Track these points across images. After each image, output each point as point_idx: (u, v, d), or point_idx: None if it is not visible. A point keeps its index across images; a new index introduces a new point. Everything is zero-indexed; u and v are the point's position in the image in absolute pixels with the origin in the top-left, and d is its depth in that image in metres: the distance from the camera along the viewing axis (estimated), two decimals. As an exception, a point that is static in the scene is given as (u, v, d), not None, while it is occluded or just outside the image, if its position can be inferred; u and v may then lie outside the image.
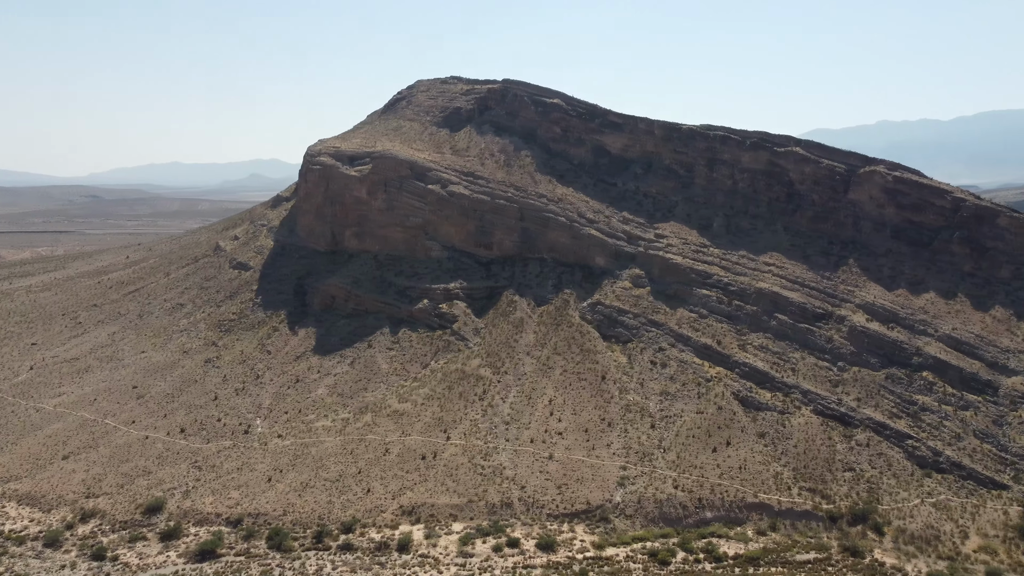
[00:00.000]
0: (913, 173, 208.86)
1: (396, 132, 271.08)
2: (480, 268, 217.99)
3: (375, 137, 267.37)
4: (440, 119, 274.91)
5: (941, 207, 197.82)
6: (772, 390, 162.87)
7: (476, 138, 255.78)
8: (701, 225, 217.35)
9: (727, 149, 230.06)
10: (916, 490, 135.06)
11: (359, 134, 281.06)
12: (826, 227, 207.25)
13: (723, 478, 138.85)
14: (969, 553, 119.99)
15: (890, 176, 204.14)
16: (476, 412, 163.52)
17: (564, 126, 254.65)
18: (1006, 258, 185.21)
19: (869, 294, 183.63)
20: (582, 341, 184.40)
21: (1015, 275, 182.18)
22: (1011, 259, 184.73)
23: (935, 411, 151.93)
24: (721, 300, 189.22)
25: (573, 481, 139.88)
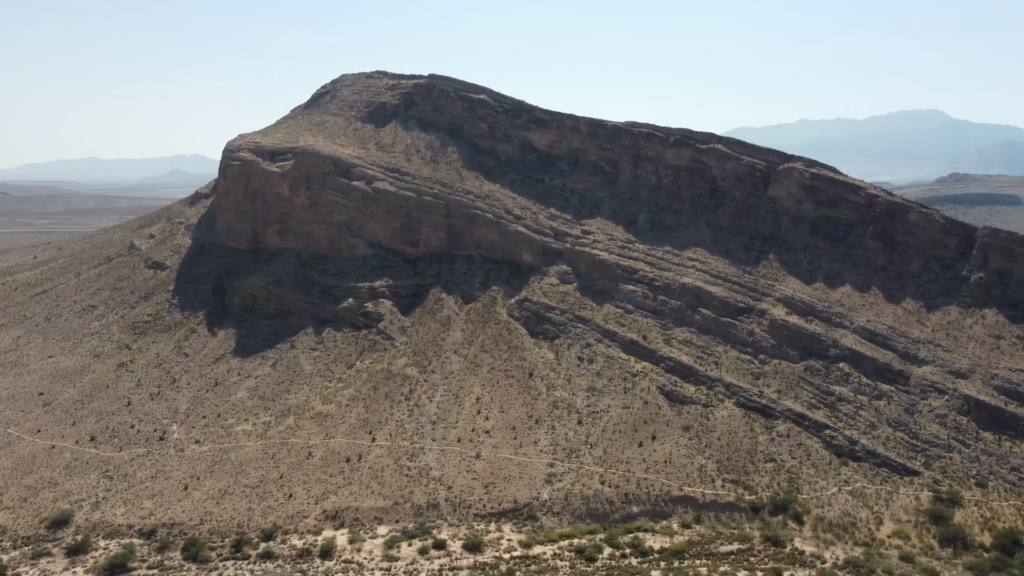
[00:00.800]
0: (829, 170, 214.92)
1: (320, 127, 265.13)
2: (406, 266, 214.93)
3: (298, 132, 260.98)
4: (365, 114, 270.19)
5: (856, 203, 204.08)
6: (696, 384, 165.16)
7: (402, 134, 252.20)
8: (627, 221, 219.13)
9: (651, 146, 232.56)
10: (834, 479, 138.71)
11: (281, 129, 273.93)
12: (747, 223, 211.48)
13: (649, 472, 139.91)
14: (884, 538, 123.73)
15: (807, 173, 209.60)
16: (402, 412, 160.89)
17: (491, 122, 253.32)
18: (916, 252, 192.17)
19: (788, 288, 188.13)
20: (510, 338, 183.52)
21: (924, 268, 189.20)
22: (920, 253, 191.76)
23: (851, 401, 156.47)
24: (647, 295, 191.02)
25: (500, 480, 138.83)
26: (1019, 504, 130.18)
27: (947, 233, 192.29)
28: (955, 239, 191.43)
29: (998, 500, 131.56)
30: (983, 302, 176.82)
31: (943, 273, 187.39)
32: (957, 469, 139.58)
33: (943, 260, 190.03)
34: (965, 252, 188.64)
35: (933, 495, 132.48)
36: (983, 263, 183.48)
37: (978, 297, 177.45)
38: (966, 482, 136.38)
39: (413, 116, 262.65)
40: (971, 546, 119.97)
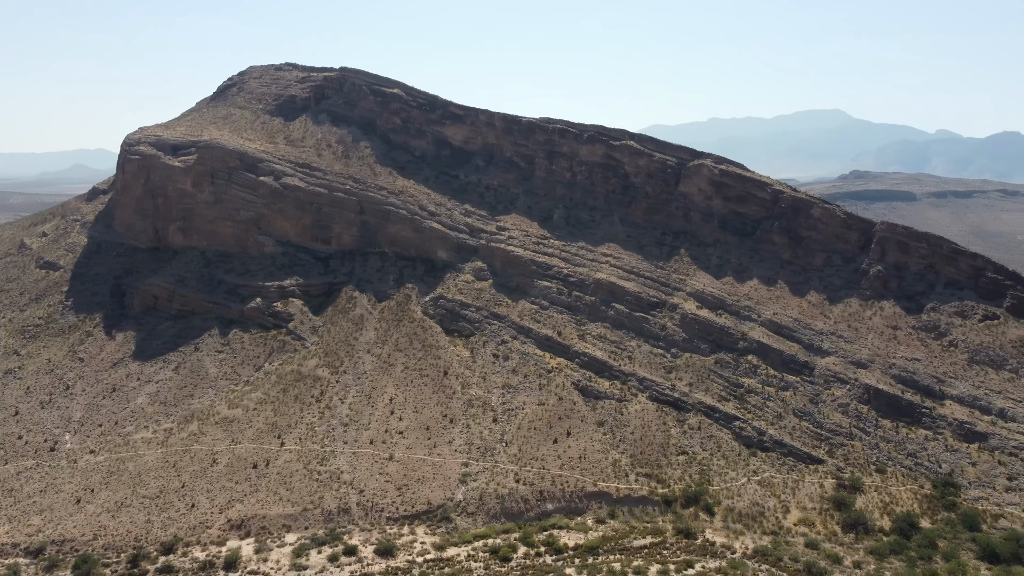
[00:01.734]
0: (737, 166, 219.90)
1: (225, 120, 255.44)
2: (318, 264, 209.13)
3: (202, 125, 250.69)
4: (274, 107, 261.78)
5: (762, 199, 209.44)
6: (610, 379, 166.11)
7: (312, 128, 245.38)
8: (542, 217, 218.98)
9: (565, 142, 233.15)
10: (743, 469, 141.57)
11: (184, 122, 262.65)
12: (659, 218, 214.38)
13: (564, 469, 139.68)
14: (790, 526, 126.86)
15: (716, 169, 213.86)
16: (313, 415, 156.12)
17: (404, 117, 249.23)
18: (819, 246, 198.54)
19: (699, 282, 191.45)
20: (424, 336, 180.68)
21: (827, 262, 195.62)
22: (823, 247, 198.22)
23: (759, 393, 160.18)
24: (561, 291, 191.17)
25: (414, 481, 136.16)
26: (915, 488, 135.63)
27: (848, 228, 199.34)
28: (855, 234, 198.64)
29: (896, 485, 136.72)
30: (881, 294, 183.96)
31: (844, 266, 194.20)
32: (858, 456, 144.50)
33: (844, 254, 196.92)
34: (865, 246, 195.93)
35: (836, 482, 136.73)
36: (881, 257, 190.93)
37: (877, 289, 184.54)
38: (867, 468, 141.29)
39: (324, 110, 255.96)
40: (872, 530, 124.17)
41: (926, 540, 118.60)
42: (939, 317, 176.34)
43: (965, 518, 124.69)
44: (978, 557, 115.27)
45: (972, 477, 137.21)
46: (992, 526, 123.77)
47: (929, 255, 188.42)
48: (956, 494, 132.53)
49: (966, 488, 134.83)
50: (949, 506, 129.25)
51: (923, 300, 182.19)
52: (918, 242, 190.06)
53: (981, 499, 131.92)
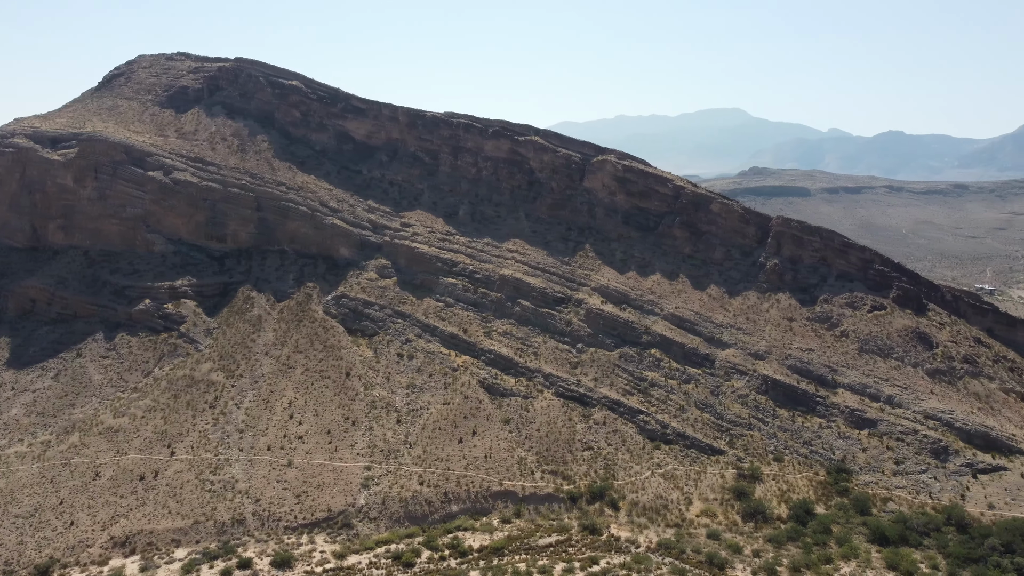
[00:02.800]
0: (640, 162, 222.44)
1: (111, 112, 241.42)
2: (213, 263, 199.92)
3: (85, 117, 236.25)
4: (164, 99, 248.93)
5: (664, 194, 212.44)
6: (516, 375, 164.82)
7: (206, 120, 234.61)
8: (447, 213, 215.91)
9: (471, 137, 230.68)
10: (647, 463, 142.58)
11: (66, 113, 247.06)
12: (564, 214, 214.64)
13: (469, 469, 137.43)
14: (693, 518, 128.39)
15: (620, 165, 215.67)
16: (206, 421, 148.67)
17: (304, 110, 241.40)
18: (719, 241, 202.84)
19: (603, 277, 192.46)
20: (326, 337, 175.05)
21: (726, 256, 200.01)
22: (723, 242, 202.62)
23: (662, 386, 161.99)
24: (467, 288, 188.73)
25: (314, 488, 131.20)
26: (811, 475, 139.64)
27: (745, 222, 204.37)
28: (753, 228, 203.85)
29: (793, 473, 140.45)
30: (778, 287, 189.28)
31: (743, 260, 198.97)
32: (757, 446, 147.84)
33: (743, 248, 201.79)
34: (762, 240, 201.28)
35: (737, 472, 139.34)
36: (777, 250, 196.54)
37: (773, 282, 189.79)
38: (765, 458, 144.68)
39: (219, 102, 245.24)
40: (770, 519, 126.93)
41: (821, 526, 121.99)
42: (831, 308, 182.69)
43: (857, 503, 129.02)
44: (869, 540, 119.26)
45: (863, 463, 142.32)
46: (881, 509, 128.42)
47: (822, 248, 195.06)
48: (848, 480, 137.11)
49: (857, 473, 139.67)
50: (842, 491, 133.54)
51: (816, 292, 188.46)
52: (811, 236, 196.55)
53: (871, 484, 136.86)
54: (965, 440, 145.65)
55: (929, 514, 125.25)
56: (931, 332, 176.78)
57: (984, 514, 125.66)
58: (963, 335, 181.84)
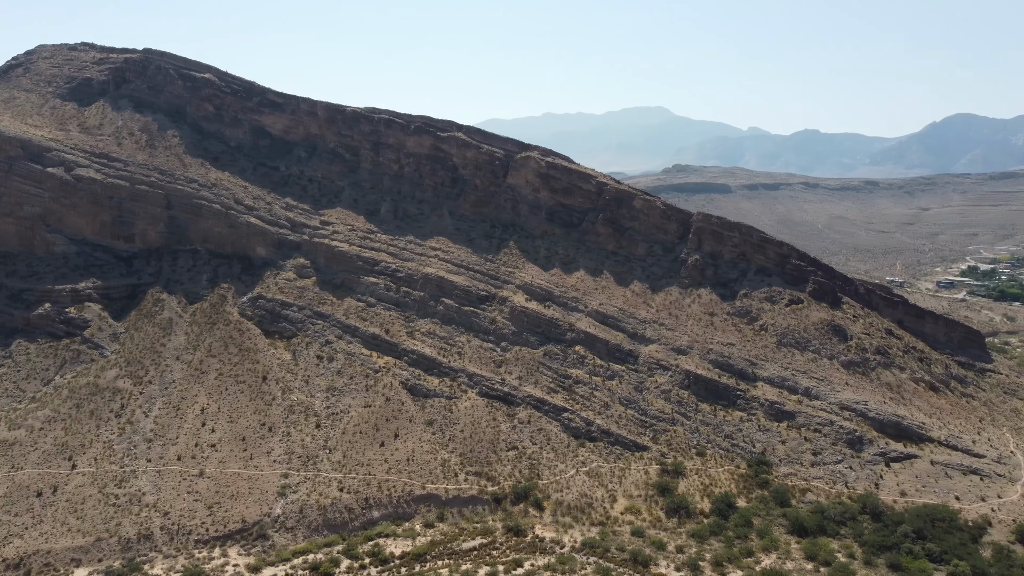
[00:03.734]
0: (563, 159, 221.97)
1: (7, 104, 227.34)
2: (120, 264, 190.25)
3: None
4: (66, 91, 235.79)
5: (587, 191, 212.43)
6: (440, 376, 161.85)
7: (111, 114, 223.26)
8: (368, 211, 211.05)
9: (392, 133, 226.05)
10: (572, 461, 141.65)
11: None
12: (488, 211, 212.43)
13: (391, 473, 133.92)
14: (617, 516, 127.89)
15: (543, 161, 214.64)
16: (111, 432, 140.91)
17: (218, 104, 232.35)
18: (641, 237, 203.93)
19: (528, 274, 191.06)
20: (241, 340, 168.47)
21: (649, 252, 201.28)
22: (645, 238, 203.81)
23: (587, 383, 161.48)
24: (389, 287, 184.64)
25: (227, 498, 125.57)
26: (732, 469, 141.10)
27: (667, 219, 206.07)
28: (674, 224, 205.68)
29: (715, 467, 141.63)
30: (699, 282, 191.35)
31: (665, 256, 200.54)
32: (680, 441, 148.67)
33: (665, 244, 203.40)
34: (683, 236, 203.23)
35: (660, 468, 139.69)
36: (698, 246, 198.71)
37: (694, 278, 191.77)
38: (688, 453, 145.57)
39: (126, 95, 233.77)
40: (693, 514, 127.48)
41: (742, 519, 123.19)
42: (751, 303, 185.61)
43: (777, 495, 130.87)
44: (789, 531, 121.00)
45: (782, 455, 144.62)
46: (800, 500, 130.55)
47: (741, 244, 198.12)
48: (768, 472, 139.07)
49: (777, 465, 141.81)
50: (762, 484, 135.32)
51: (736, 287, 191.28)
52: (731, 231, 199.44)
53: (790, 475, 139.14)
54: (878, 430, 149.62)
55: (845, 504, 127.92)
56: (846, 325, 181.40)
57: (897, 501, 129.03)
58: (875, 327, 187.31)
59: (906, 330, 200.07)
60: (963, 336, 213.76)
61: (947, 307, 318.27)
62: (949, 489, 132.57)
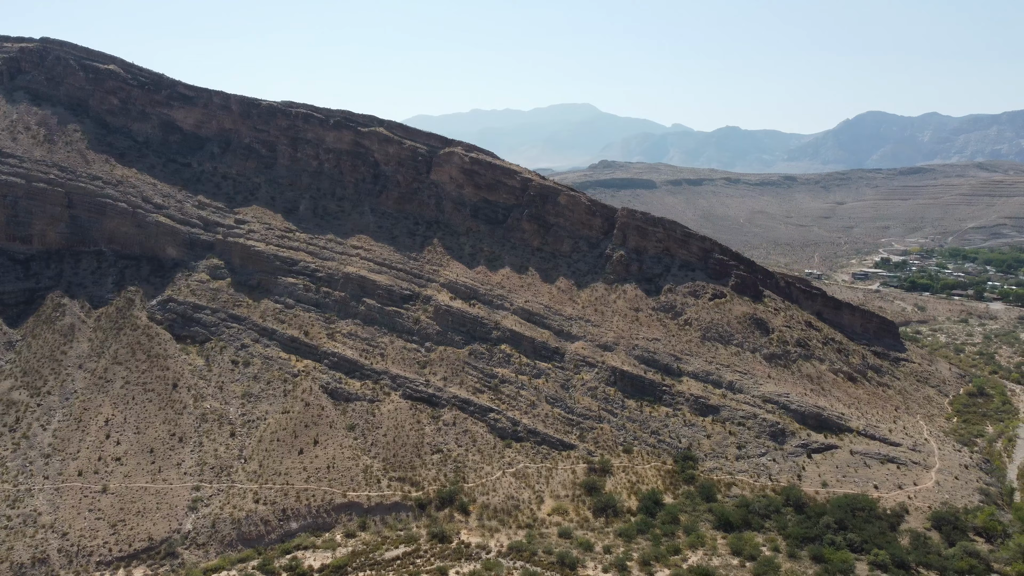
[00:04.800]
0: (487, 154, 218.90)
1: None
2: (15, 267, 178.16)
3: None
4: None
5: (512, 187, 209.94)
6: (362, 378, 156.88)
7: (5, 107, 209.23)
8: (286, 209, 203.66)
9: (311, 128, 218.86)
10: (498, 462, 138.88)
11: None
12: (411, 207, 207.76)
13: (310, 482, 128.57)
14: (545, 517, 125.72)
15: (467, 157, 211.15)
16: (4, 447, 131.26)
17: (123, 97, 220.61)
18: (567, 233, 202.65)
19: (452, 272, 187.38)
20: (150, 346, 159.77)
21: (574, 248, 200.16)
22: (571, 234, 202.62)
23: (513, 382, 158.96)
24: (308, 288, 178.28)
25: (132, 515, 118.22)
26: (659, 465, 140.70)
27: (592, 214, 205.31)
28: (599, 220, 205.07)
29: (642, 463, 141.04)
30: (624, 278, 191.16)
31: (590, 252, 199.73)
32: (607, 438, 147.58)
33: (590, 240, 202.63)
34: (608, 232, 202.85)
35: (587, 466, 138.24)
36: (623, 241, 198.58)
37: (619, 273, 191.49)
38: (615, 450, 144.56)
39: (21, 87, 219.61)
40: (620, 512, 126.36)
41: (669, 516, 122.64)
42: (675, 298, 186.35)
43: (703, 490, 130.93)
44: (715, 527, 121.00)
45: (708, 449, 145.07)
46: (726, 495, 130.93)
47: (665, 239, 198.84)
48: (694, 467, 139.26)
49: (703, 460, 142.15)
50: (689, 479, 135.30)
51: (661, 282, 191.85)
52: (655, 227, 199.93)
53: (716, 469, 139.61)
54: (800, 421, 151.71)
55: (769, 496, 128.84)
56: (767, 318, 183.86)
57: (819, 492, 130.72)
58: (796, 319, 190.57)
59: (825, 322, 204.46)
60: (878, 326, 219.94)
61: (862, 298, 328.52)
62: (868, 478, 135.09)
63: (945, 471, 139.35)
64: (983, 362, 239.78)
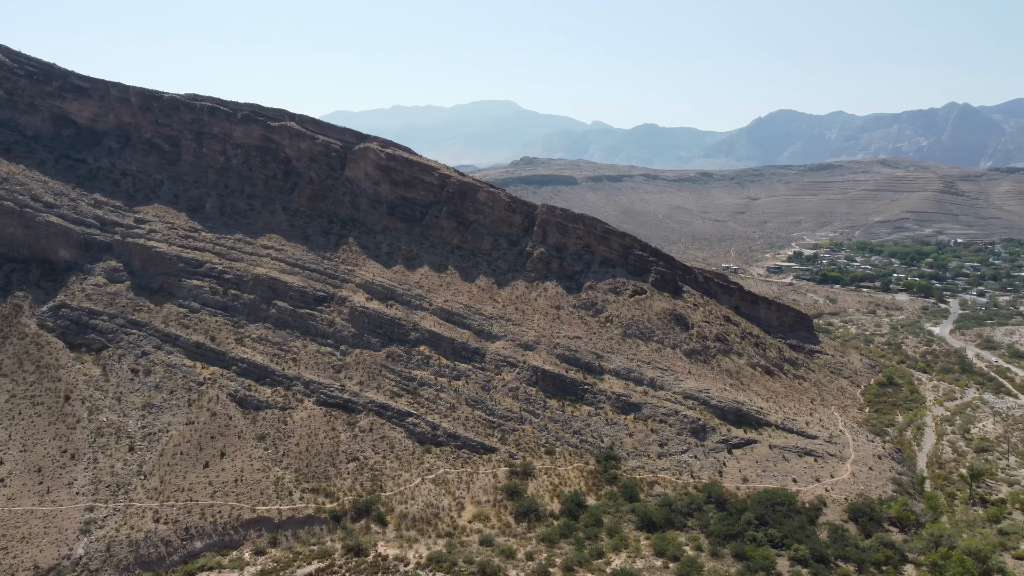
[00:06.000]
0: (404, 150, 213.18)
1: None
2: None
3: None
4: None
5: (430, 183, 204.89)
6: (273, 385, 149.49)
7: None
8: (191, 207, 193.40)
9: (217, 122, 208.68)
10: (417, 468, 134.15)
11: None
12: (325, 205, 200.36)
13: (216, 497, 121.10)
14: (466, 525, 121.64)
15: (383, 153, 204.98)
16: None
17: (9, 87, 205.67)
18: (486, 230, 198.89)
19: (368, 272, 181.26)
20: (39, 355, 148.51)
21: (494, 246, 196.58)
22: (490, 231, 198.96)
23: (432, 384, 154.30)
24: (215, 291, 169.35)
25: (16, 542, 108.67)
26: (581, 466, 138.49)
27: (512, 211, 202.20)
28: (519, 217, 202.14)
29: (564, 465, 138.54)
30: (545, 275, 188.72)
31: (510, 249, 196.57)
32: (529, 440, 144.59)
33: (510, 237, 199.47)
34: (528, 229, 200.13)
35: (509, 470, 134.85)
36: (543, 238, 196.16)
37: (540, 271, 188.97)
38: (537, 452, 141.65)
39: None
40: (543, 516, 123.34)
41: (592, 518, 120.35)
42: (596, 295, 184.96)
43: (625, 490, 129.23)
44: (638, 527, 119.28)
45: (630, 448, 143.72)
46: (649, 494, 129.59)
47: (585, 235, 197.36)
48: (617, 466, 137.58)
49: (625, 459, 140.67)
50: (611, 479, 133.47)
51: (582, 279, 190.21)
52: (575, 223, 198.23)
53: (639, 468, 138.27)
54: (720, 417, 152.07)
55: (692, 494, 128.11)
56: (687, 313, 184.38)
57: (740, 488, 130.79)
58: (715, 314, 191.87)
59: (743, 316, 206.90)
60: (793, 320, 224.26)
61: (777, 291, 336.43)
62: (787, 472, 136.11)
63: (860, 462, 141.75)
64: (891, 352, 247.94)
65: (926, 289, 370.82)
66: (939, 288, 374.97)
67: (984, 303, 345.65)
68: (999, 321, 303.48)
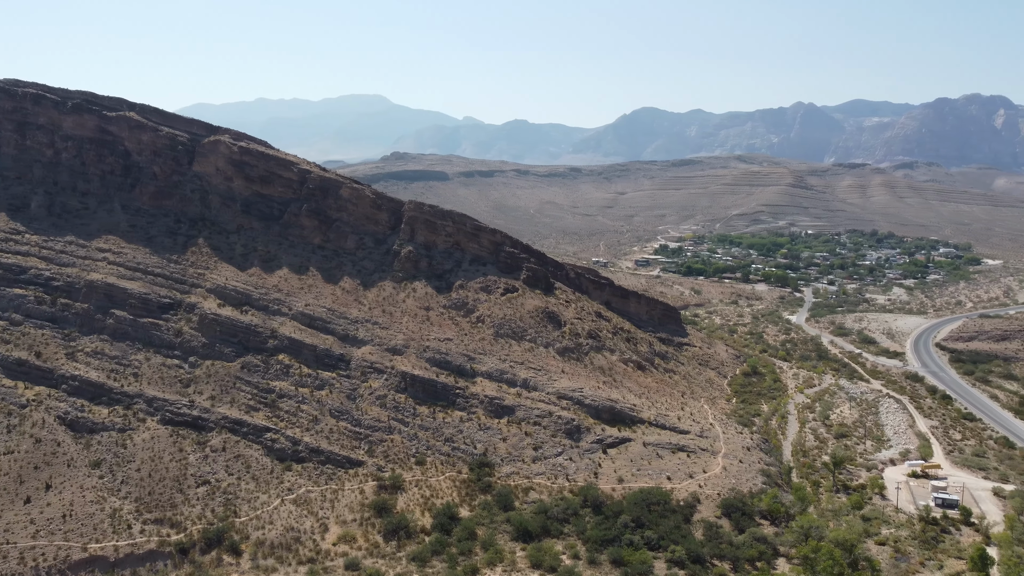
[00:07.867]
0: (260, 144, 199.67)
1: None
2: None
3: None
4: None
5: (288, 179, 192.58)
6: (111, 404, 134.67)
7: None
8: (13, 206, 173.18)
9: (43, 111, 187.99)
10: (276, 489, 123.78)
11: None
12: (171, 203, 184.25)
13: (39, 536, 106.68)
14: (330, 548, 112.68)
15: (236, 146, 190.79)
16: None
17: None
18: (350, 229, 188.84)
19: (221, 276, 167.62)
20: None
21: (359, 245, 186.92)
22: (355, 229, 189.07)
23: (293, 396, 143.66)
24: (42, 300, 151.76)
25: None
26: (454, 475, 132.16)
27: (378, 208, 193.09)
28: (386, 214, 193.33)
29: (436, 475, 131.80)
30: (413, 275, 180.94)
31: (376, 248, 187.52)
32: (399, 450, 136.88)
33: (376, 235, 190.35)
34: (395, 226, 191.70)
35: (377, 484, 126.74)
36: (411, 236, 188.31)
37: (408, 270, 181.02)
38: (407, 463, 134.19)
39: None
40: (414, 532, 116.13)
41: (466, 531, 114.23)
42: (467, 294, 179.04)
43: (500, 498, 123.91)
44: (513, 538, 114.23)
45: (504, 453, 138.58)
46: (524, 501, 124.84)
47: (455, 233, 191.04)
48: (491, 473, 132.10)
49: (499, 465, 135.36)
50: (485, 488, 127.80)
51: (452, 278, 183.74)
52: (444, 220, 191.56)
53: (513, 474, 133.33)
54: (594, 416, 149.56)
55: (568, 498, 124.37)
56: (559, 311, 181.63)
57: (616, 489, 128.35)
58: (587, 311, 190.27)
59: (613, 311, 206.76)
60: (663, 313, 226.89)
61: (645, 284, 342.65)
62: (661, 470, 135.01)
63: (730, 455, 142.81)
64: (754, 341, 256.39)
65: (782, 279, 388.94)
66: (794, 278, 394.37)
67: (834, 291, 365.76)
68: (848, 308, 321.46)
